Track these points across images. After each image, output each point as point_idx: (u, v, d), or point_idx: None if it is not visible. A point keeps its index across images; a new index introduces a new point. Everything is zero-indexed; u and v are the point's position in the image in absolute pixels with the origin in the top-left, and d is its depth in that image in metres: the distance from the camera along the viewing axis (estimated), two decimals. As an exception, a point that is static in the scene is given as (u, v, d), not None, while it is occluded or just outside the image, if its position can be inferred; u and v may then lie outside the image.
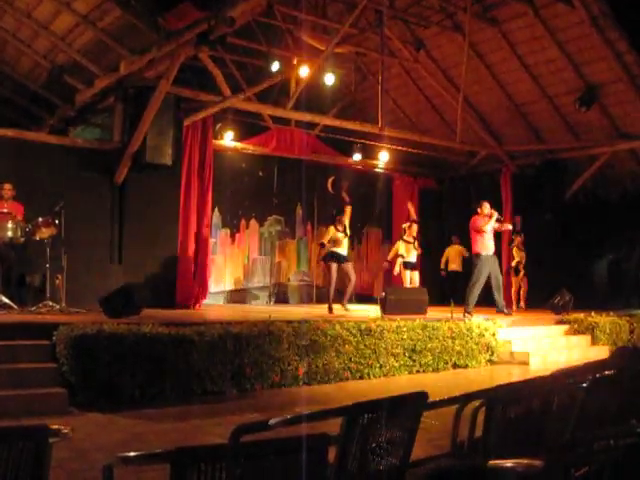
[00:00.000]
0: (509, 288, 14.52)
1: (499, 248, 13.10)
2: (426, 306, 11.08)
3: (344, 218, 11.84)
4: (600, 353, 10.71)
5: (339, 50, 13.65)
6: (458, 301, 11.43)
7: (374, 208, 16.71)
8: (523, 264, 14.49)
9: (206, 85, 12.40)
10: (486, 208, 11.69)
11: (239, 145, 13.95)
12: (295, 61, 13.18)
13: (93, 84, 11.10)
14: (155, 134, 10.90)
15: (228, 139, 13.60)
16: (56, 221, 9.06)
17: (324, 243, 11.91)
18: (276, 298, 14.91)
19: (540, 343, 11.03)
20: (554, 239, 15.22)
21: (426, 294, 11.35)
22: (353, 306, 12.16)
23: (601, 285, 15.93)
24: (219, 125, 13.36)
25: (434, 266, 15.80)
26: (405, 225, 13.42)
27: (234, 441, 2.73)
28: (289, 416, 3.11)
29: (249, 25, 12.90)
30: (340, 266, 11.76)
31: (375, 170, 16.52)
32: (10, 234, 9.01)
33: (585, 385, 3.82)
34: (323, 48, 12.89)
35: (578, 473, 2.48)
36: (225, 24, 9.22)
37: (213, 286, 13.51)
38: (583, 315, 11.95)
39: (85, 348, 6.64)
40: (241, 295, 14.48)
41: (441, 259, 15.68)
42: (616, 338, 11.54)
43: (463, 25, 13.16)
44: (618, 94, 13.23)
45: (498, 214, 11.76)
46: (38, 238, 9.09)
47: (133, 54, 10.31)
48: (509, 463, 2.23)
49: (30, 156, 10.73)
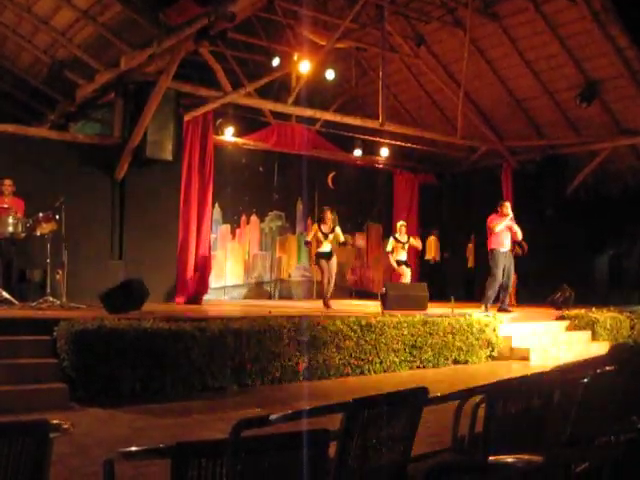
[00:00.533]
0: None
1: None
2: (426, 302, 11.09)
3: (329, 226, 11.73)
4: (601, 349, 10.71)
5: (340, 45, 13.64)
6: (457, 297, 11.43)
7: (374, 204, 16.71)
8: None
9: (206, 80, 12.39)
10: (506, 208, 11.57)
11: (239, 140, 13.95)
12: (296, 56, 13.16)
13: (93, 79, 11.09)
14: (155, 129, 10.90)
15: (228, 134, 13.60)
16: (57, 216, 9.04)
17: (308, 241, 12.01)
18: (276, 294, 14.92)
19: (540, 339, 11.03)
20: (555, 235, 15.22)
21: (426, 290, 11.36)
22: (354, 301, 12.15)
23: (602, 281, 15.95)
24: (219, 120, 13.36)
25: (433, 262, 15.82)
26: (400, 224, 13.32)
27: (235, 436, 2.73)
28: (290, 411, 3.11)
29: (250, 20, 12.89)
30: (328, 262, 11.72)
31: (375, 166, 16.51)
32: (11, 229, 9.01)
33: (585, 381, 3.82)
34: (324, 43, 12.88)
35: (578, 469, 2.48)
36: (225, 19, 9.20)
37: (213, 282, 13.52)
38: (584, 311, 11.95)
39: (86, 343, 6.64)
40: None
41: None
42: (617, 334, 11.54)
43: (464, 20, 13.13)
44: (619, 90, 13.21)
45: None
46: (39, 233, 9.08)
47: (133, 49, 10.29)
48: (510, 459, 2.23)
49: (30, 151, 10.72)
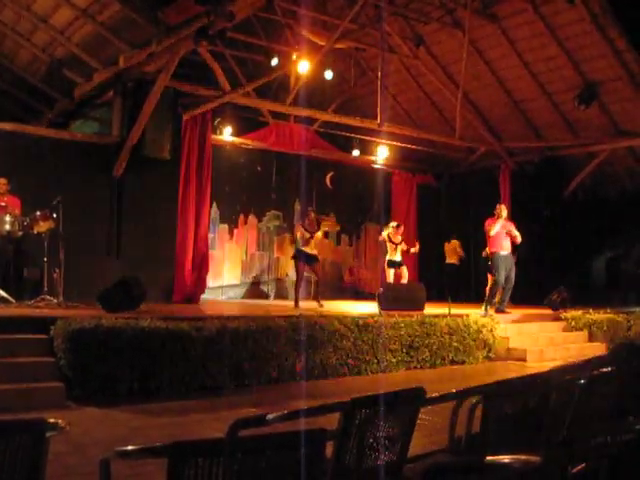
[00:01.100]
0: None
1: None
2: (424, 302, 11.08)
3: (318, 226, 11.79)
4: (597, 350, 10.74)
5: (339, 45, 13.64)
6: (455, 297, 11.43)
7: (372, 204, 16.70)
8: None
9: (205, 80, 12.38)
10: (500, 210, 11.46)
11: (238, 140, 13.94)
12: (294, 56, 13.17)
13: (92, 78, 11.08)
14: (154, 128, 10.89)
15: (227, 134, 13.59)
16: (54, 215, 9.02)
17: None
18: (274, 293, 14.91)
19: (537, 340, 11.04)
20: (552, 236, 15.23)
21: (424, 290, 11.35)
22: (351, 302, 12.14)
23: (599, 282, 15.96)
24: (218, 120, 13.35)
25: (431, 262, 15.82)
26: (393, 225, 13.30)
27: (232, 436, 2.73)
28: (287, 411, 3.12)
29: (249, 20, 12.90)
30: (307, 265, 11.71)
31: (374, 166, 16.51)
32: (8, 228, 8.99)
33: (582, 382, 3.83)
34: (323, 43, 12.88)
35: (575, 470, 2.48)
36: (225, 19, 9.19)
37: (211, 281, 13.50)
38: (581, 312, 11.96)
39: (83, 342, 6.64)
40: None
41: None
42: (613, 335, 11.54)
43: (463, 21, 13.14)
44: (617, 92, 13.22)
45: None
46: (36, 232, 9.06)
47: (132, 48, 10.28)
48: (506, 459, 2.23)
49: (29, 150, 10.70)
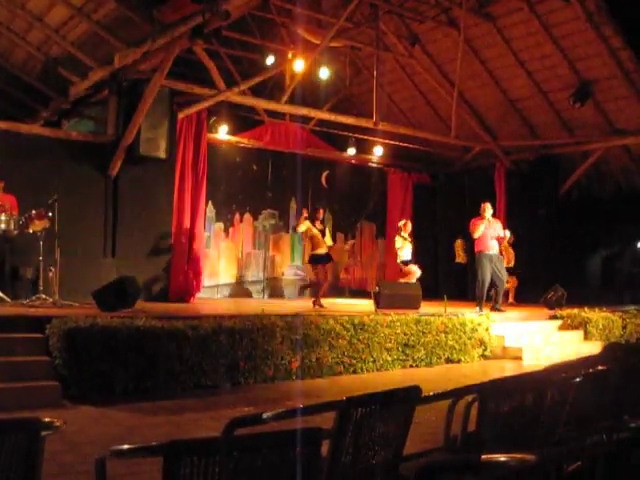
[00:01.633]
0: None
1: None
2: (420, 301, 11.09)
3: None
4: (593, 348, 10.74)
5: (334, 44, 13.63)
6: (451, 296, 11.46)
7: (368, 203, 16.71)
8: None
9: (200, 78, 12.36)
10: (484, 211, 11.47)
11: (233, 139, 13.93)
12: (290, 55, 13.16)
13: (87, 77, 11.05)
14: (149, 127, 10.88)
15: (222, 133, 13.57)
16: (49, 214, 9.01)
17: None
18: (270, 292, 14.91)
19: (533, 338, 11.05)
20: (548, 235, 15.25)
21: (419, 289, 11.36)
22: (347, 300, 12.14)
23: (594, 281, 16.00)
24: (213, 119, 13.33)
25: (428, 261, 15.82)
26: (401, 223, 13.31)
27: (227, 434, 2.73)
28: (283, 410, 3.12)
29: (244, 18, 12.88)
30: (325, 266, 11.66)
31: (369, 165, 16.51)
32: (3, 227, 8.98)
33: (578, 380, 3.84)
34: (318, 42, 12.86)
35: (571, 468, 2.49)
36: (220, 17, 9.19)
37: (207, 280, 13.50)
38: (576, 310, 11.97)
39: (78, 341, 6.62)
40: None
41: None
42: (609, 334, 11.57)
43: (458, 20, 13.14)
44: (612, 90, 13.24)
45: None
46: (31, 231, 9.05)
47: (127, 47, 10.26)
48: (502, 457, 2.23)
49: (23, 149, 10.68)
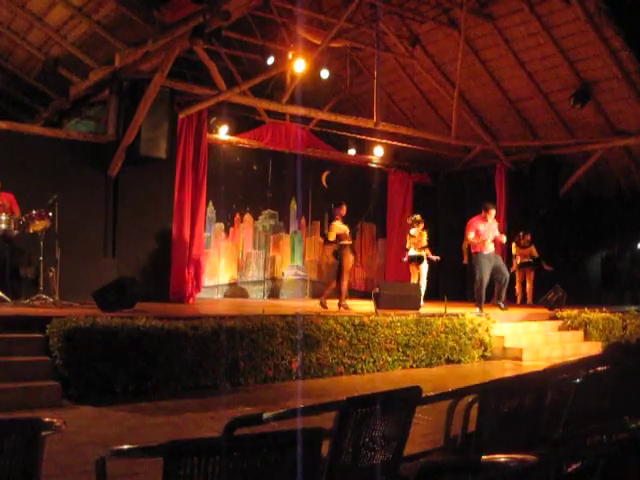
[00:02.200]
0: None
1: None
2: (420, 301, 11.09)
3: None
4: (593, 349, 10.76)
5: (334, 44, 13.64)
6: (451, 297, 11.46)
7: (368, 203, 16.70)
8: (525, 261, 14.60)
9: (201, 78, 12.38)
10: (490, 215, 11.36)
11: (234, 139, 13.92)
12: (290, 55, 13.16)
13: (88, 77, 11.05)
14: (149, 127, 10.86)
15: (223, 133, 13.57)
16: (50, 214, 9.01)
17: (329, 240, 11.60)
18: (270, 292, 14.90)
19: (533, 339, 11.06)
20: (548, 235, 15.25)
21: (420, 289, 11.37)
22: (347, 301, 12.10)
23: (595, 281, 16.00)
24: (214, 119, 13.33)
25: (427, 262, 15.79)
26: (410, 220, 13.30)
27: (228, 434, 2.73)
28: (283, 410, 3.12)
29: (245, 19, 12.89)
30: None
31: (370, 165, 16.51)
32: (3, 227, 8.97)
33: (578, 381, 3.84)
34: (318, 42, 12.87)
35: (571, 468, 2.48)
36: (220, 17, 9.19)
37: (207, 280, 13.50)
38: (576, 311, 11.98)
39: (78, 341, 6.62)
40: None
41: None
42: (609, 334, 11.57)
43: (459, 21, 13.14)
44: (613, 91, 13.24)
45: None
46: (32, 231, 9.04)
47: (128, 47, 10.26)
48: (502, 458, 2.23)
49: (24, 149, 10.68)
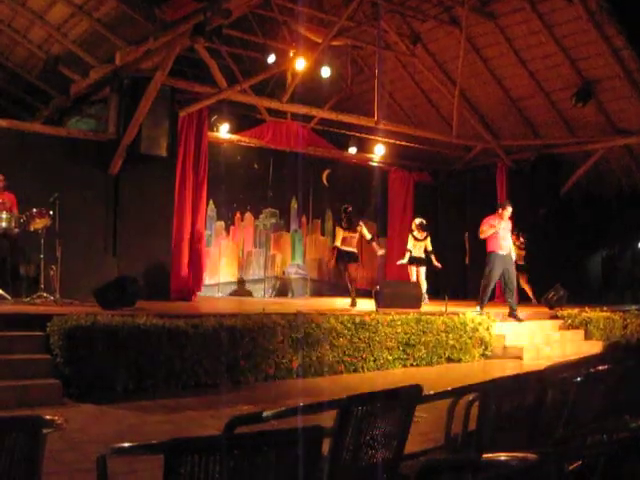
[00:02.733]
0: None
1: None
2: (420, 300, 11.09)
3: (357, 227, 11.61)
4: (593, 348, 10.75)
5: (335, 43, 13.64)
6: (452, 296, 11.45)
7: (369, 202, 16.70)
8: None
9: (202, 77, 12.37)
10: (507, 213, 10.99)
11: (234, 137, 13.92)
12: (291, 53, 13.16)
13: (88, 75, 11.05)
14: (150, 125, 10.86)
15: (223, 131, 13.56)
16: (50, 212, 9.01)
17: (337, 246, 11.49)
18: (271, 291, 14.91)
19: (534, 338, 11.04)
20: (548, 234, 15.24)
21: (420, 288, 11.37)
22: (348, 299, 12.11)
23: (595, 280, 16.00)
24: (214, 117, 13.32)
25: (427, 260, 15.81)
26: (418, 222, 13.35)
27: (228, 433, 2.73)
28: (283, 408, 3.12)
29: (245, 17, 12.88)
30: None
31: (370, 163, 16.51)
32: (4, 225, 8.98)
33: (578, 380, 3.84)
34: (319, 41, 12.87)
35: (571, 467, 2.48)
36: (221, 16, 9.19)
37: (207, 279, 13.51)
38: (577, 310, 11.97)
39: (79, 339, 6.62)
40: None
41: None
42: (609, 333, 11.56)
43: (460, 19, 13.13)
44: (614, 90, 13.22)
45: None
46: (32, 229, 9.04)
47: (129, 45, 10.26)
48: (503, 457, 2.23)
49: (25, 147, 10.67)
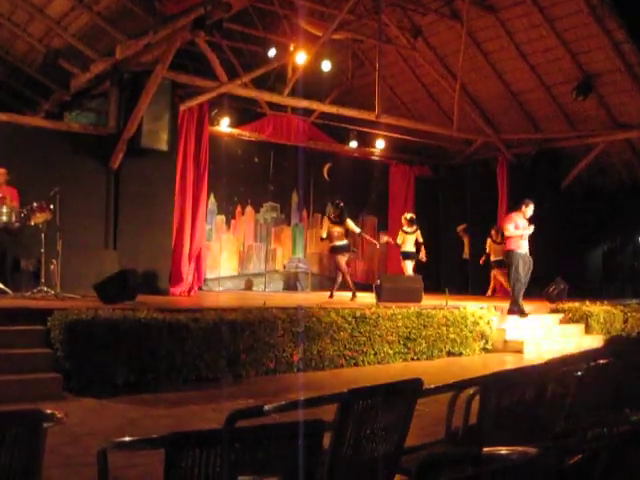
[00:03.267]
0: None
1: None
2: (421, 294, 11.09)
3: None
4: (594, 342, 10.75)
5: (336, 36, 13.59)
6: (452, 289, 11.44)
7: (370, 196, 16.69)
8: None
9: (202, 70, 12.34)
10: (530, 210, 10.84)
11: (235, 131, 13.90)
12: (292, 47, 13.13)
13: (88, 69, 11.02)
14: (151, 119, 10.85)
15: (224, 125, 13.54)
16: (51, 206, 9.00)
17: (322, 237, 12.19)
18: (271, 285, 14.90)
19: (534, 332, 11.05)
20: (549, 228, 15.22)
21: (421, 282, 11.37)
22: (349, 293, 12.12)
23: (596, 274, 15.99)
24: (215, 111, 13.30)
25: (428, 254, 15.79)
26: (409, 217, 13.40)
27: (229, 426, 2.73)
28: (284, 402, 3.12)
29: (246, 10, 12.84)
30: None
31: (371, 157, 16.49)
32: (5, 219, 8.97)
33: (579, 374, 3.84)
34: (320, 34, 12.83)
35: (572, 461, 2.48)
36: (222, 9, 9.18)
37: (208, 272, 13.51)
38: (578, 304, 11.98)
39: (80, 333, 6.63)
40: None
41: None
42: (610, 327, 11.58)
43: (461, 13, 13.10)
44: (615, 84, 13.20)
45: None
46: (33, 223, 9.03)
47: (129, 38, 10.23)
48: (504, 450, 2.23)
49: (25, 141, 10.66)
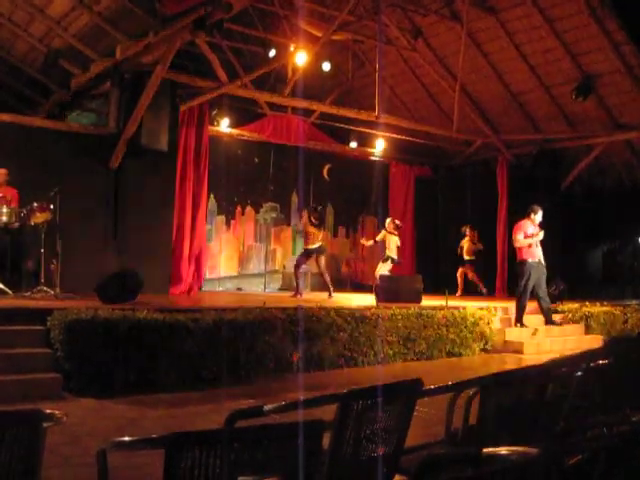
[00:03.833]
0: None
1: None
2: (421, 294, 11.10)
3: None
4: (594, 342, 10.74)
5: (336, 37, 13.61)
6: (452, 290, 11.43)
7: (370, 196, 16.69)
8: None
9: (202, 71, 12.34)
10: (539, 216, 10.78)
11: (235, 131, 13.90)
12: (292, 48, 13.14)
13: (89, 69, 11.03)
14: (151, 119, 10.85)
15: (224, 125, 13.54)
16: (51, 206, 9.00)
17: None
18: (271, 285, 14.90)
19: (534, 332, 11.04)
20: (549, 228, 15.21)
21: (421, 282, 11.37)
22: (348, 294, 12.14)
23: (596, 275, 15.99)
24: (215, 111, 13.30)
25: (428, 255, 15.82)
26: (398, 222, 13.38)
27: (229, 426, 2.73)
28: (284, 402, 3.12)
29: (246, 11, 12.84)
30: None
31: (371, 158, 16.49)
32: (4, 219, 8.97)
33: (579, 374, 3.84)
34: (320, 35, 12.85)
35: (572, 461, 2.48)
36: (222, 10, 9.17)
37: (208, 273, 13.51)
38: (577, 305, 11.99)
39: (79, 333, 6.63)
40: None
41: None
42: (610, 328, 11.57)
43: (461, 14, 13.10)
44: (615, 85, 13.21)
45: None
46: (33, 223, 9.03)
47: (129, 39, 10.24)
48: (503, 451, 2.23)
49: (25, 141, 10.65)
